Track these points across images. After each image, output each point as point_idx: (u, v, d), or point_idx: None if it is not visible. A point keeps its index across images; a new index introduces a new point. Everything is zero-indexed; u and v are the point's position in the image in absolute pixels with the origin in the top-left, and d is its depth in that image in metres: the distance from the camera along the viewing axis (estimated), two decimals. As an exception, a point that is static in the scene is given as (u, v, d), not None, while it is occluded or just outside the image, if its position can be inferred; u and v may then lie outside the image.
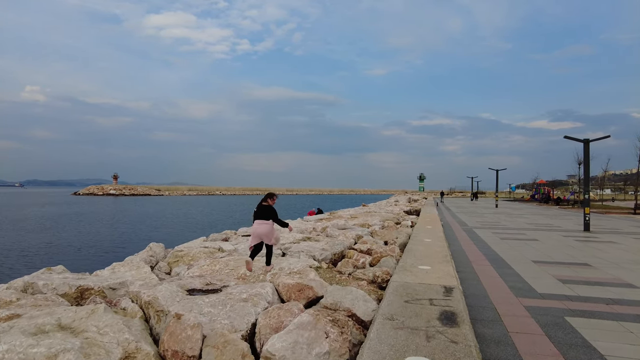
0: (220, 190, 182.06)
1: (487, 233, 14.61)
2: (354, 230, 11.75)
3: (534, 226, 17.82)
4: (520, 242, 12.06)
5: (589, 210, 15.56)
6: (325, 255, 7.64)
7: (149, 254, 8.64)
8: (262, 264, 6.54)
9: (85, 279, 5.78)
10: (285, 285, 5.14)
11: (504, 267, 8.13)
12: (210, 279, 5.54)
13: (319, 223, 13.49)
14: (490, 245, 11.42)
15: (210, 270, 6.54)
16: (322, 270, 6.56)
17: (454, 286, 5.14)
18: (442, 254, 7.77)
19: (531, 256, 9.47)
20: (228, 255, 7.60)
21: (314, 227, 12.76)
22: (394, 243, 10.03)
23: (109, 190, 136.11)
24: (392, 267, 6.80)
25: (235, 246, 8.70)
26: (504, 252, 10.03)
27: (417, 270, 6.11)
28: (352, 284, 5.86)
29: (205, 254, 8.18)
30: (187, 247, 9.19)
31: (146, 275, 7.19)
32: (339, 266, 7.34)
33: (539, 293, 6.00)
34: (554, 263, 8.57)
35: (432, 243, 9.39)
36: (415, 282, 5.33)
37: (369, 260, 7.62)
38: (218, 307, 4.36)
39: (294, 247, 8.34)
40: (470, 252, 10.00)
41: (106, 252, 18.97)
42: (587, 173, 15.82)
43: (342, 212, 20.78)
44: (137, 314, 4.84)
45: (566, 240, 12.69)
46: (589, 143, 15.76)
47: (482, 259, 9.03)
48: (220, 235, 10.89)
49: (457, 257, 9.19)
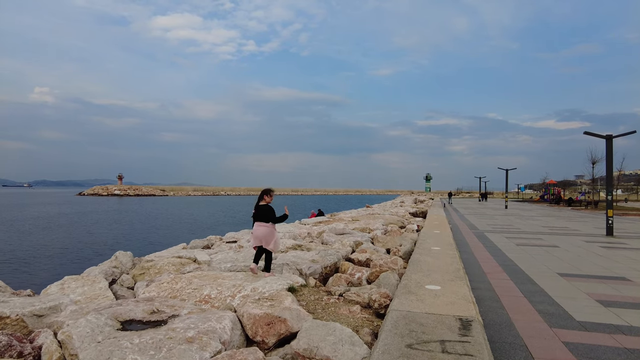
0: (225, 190, 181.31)
1: (500, 238, 13.31)
2: (353, 236, 10.53)
3: (550, 229, 16.48)
4: (538, 249, 10.76)
5: (612, 213, 14.20)
6: (314, 269, 6.43)
7: (113, 265, 7.48)
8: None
9: (6, 303, 4.61)
10: (251, 316, 3.93)
11: (526, 281, 6.87)
12: (159, 303, 4.35)
13: (316, 227, 12.28)
14: (505, 252, 10.14)
15: (170, 289, 5.35)
16: (306, 290, 5.35)
17: (472, 318, 3.90)
18: (453, 267, 6.53)
19: (555, 267, 8.19)
20: (197, 269, 6.41)
21: (309, 231, 11.56)
22: (398, 252, 8.79)
23: (114, 191, 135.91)
24: (394, 285, 5.58)
25: (213, 256, 7.51)
26: (523, 262, 8.75)
27: (424, 291, 4.88)
28: (343, 310, 4.65)
29: (175, 265, 7.00)
30: (159, 256, 8.02)
31: (100, 292, 6.04)
32: (329, 283, 6.12)
33: (579, 322, 4.74)
34: (585, 277, 7.28)
35: (441, 252, 8.15)
36: (422, 311, 4.10)
37: (366, 274, 6.40)
38: (149, 353, 3.16)
39: (280, 257, 7.14)
40: (485, 262, 8.74)
41: (79, 259, 17.30)
42: (610, 172, 14.46)
43: (343, 215, 19.54)
44: (54, 356, 3.68)
45: (590, 246, 11.37)
46: (612, 139, 14.41)
47: (499, 271, 7.77)
48: (202, 242, 9.73)
49: (470, 268, 7.94)
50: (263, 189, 6.31)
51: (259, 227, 5.99)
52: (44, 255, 18.28)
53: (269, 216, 6.01)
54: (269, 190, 6.26)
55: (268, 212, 6.02)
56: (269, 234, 5.99)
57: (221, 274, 5.77)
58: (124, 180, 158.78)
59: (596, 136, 15.05)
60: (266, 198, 6.13)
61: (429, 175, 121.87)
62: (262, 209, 6.05)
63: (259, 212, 6.03)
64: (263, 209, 6.05)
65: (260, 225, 5.99)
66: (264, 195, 6.17)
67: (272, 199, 6.23)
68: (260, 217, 6.00)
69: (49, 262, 16.74)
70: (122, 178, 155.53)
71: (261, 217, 6.00)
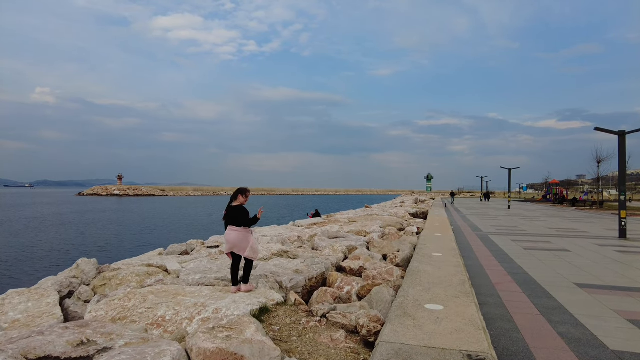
0: (226, 190, 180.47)
1: (505, 241, 12.43)
2: (347, 240, 9.66)
3: (557, 231, 15.59)
4: (549, 254, 9.88)
5: (625, 214, 13.31)
6: (296, 282, 5.56)
7: (72, 275, 6.62)
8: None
9: None
10: (201, 351, 3.06)
11: (541, 295, 5.99)
12: (93, 331, 3.49)
13: (308, 230, 11.41)
14: (513, 258, 9.26)
15: (121, 307, 4.49)
16: (283, 310, 4.48)
17: (484, 355, 3.03)
18: (457, 279, 5.66)
19: (571, 276, 7.32)
20: (159, 282, 5.55)
21: (300, 235, 10.70)
22: (395, 258, 7.92)
23: (113, 191, 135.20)
24: (388, 303, 4.71)
25: (185, 265, 6.65)
26: (534, 270, 7.88)
27: (423, 313, 4.01)
28: (324, 337, 3.78)
29: (139, 276, 6.14)
30: (127, 264, 7.17)
31: (46, 309, 5.19)
32: (313, 298, 5.25)
33: (613, 351, 3.87)
34: (607, 288, 6.40)
35: (443, 259, 7.28)
36: (420, 343, 3.23)
37: (356, 288, 5.53)
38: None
39: (260, 267, 6.28)
40: (491, 270, 7.87)
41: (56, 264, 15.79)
42: (623, 170, 13.56)
43: (340, 216, 18.66)
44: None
45: (605, 251, 10.48)
46: (625, 136, 13.53)
47: (509, 281, 6.90)
48: (181, 247, 8.87)
49: (476, 277, 7.07)
50: (238, 188, 5.57)
51: (231, 231, 5.26)
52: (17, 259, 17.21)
53: (242, 219, 5.24)
54: (243, 190, 5.49)
55: (240, 214, 5.26)
56: (242, 239, 5.22)
57: (184, 289, 4.91)
58: (124, 180, 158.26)
59: (608, 132, 14.15)
60: (240, 198, 5.38)
61: (429, 175, 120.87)
62: (234, 210, 5.29)
63: (230, 214, 5.27)
64: (235, 210, 5.29)
65: (232, 230, 5.27)
66: (238, 195, 5.42)
67: (247, 199, 5.49)
68: (232, 220, 5.28)
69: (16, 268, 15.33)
70: (121, 178, 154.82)
71: (233, 220, 5.28)
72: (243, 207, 5.37)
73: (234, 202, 5.38)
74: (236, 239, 5.19)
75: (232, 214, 5.29)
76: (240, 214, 5.26)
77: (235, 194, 5.48)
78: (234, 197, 5.42)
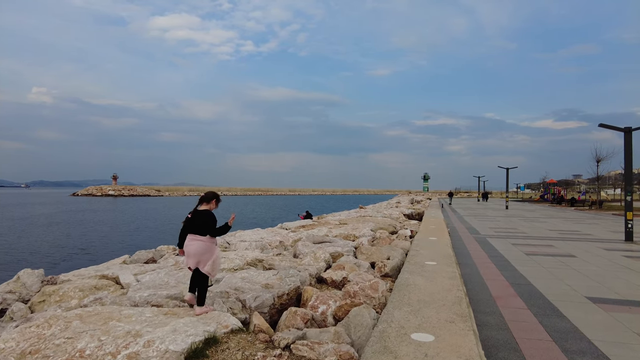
0: (222, 190, 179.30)
1: (505, 244, 11.61)
2: (333, 246, 8.82)
3: (560, 234, 14.80)
4: (553, 260, 9.07)
5: (632, 216, 12.52)
6: (262, 300, 4.71)
7: (9, 289, 5.74)
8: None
9: None
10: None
11: (549, 312, 5.17)
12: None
13: (293, 234, 10.56)
14: (515, 265, 8.44)
15: (37, 335, 3.63)
16: (236, 340, 3.61)
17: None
18: (452, 296, 4.82)
19: (581, 287, 6.50)
20: (96, 301, 4.68)
21: (283, 239, 9.86)
22: (384, 267, 7.09)
23: (108, 191, 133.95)
24: (368, 328, 3.87)
25: (141, 277, 5.79)
26: (539, 279, 7.05)
27: (408, 348, 3.17)
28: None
29: (84, 291, 5.28)
30: (78, 275, 6.29)
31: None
32: (282, 321, 4.40)
33: (650, 397, 3.05)
34: (624, 303, 5.58)
35: (437, 269, 6.44)
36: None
37: (333, 307, 4.67)
38: None
39: (225, 280, 5.42)
40: (492, 280, 7.04)
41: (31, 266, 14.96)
42: (630, 168, 12.78)
43: (331, 217, 17.81)
44: None
45: (612, 256, 9.67)
46: (632, 132, 12.74)
47: (511, 294, 6.07)
48: (147, 254, 7.98)
49: (475, 290, 6.24)
50: (210, 191, 4.75)
51: (193, 241, 4.42)
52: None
53: (207, 226, 4.43)
54: (213, 195, 4.70)
55: (207, 220, 4.45)
56: (206, 251, 4.40)
57: (121, 311, 4.05)
58: (121, 180, 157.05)
59: (613, 129, 13.36)
60: (211, 203, 4.61)
61: (426, 175, 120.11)
62: (200, 215, 4.47)
63: (195, 220, 4.45)
64: (202, 215, 4.48)
65: (194, 239, 4.42)
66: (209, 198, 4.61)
67: (216, 206, 4.70)
68: (196, 227, 4.45)
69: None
70: (116, 178, 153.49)
71: (196, 227, 4.45)
72: (211, 213, 4.58)
73: (202, 205, 4.61)
74: (199, 250, 4.39)
75: (197, 220, 4.47)
76: (207, 220, 4.45)
77: (206, 196, 4.65)
78: (203, 200, 4.63)
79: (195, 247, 4.38)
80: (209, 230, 4.45)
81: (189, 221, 4.49)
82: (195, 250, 4.37)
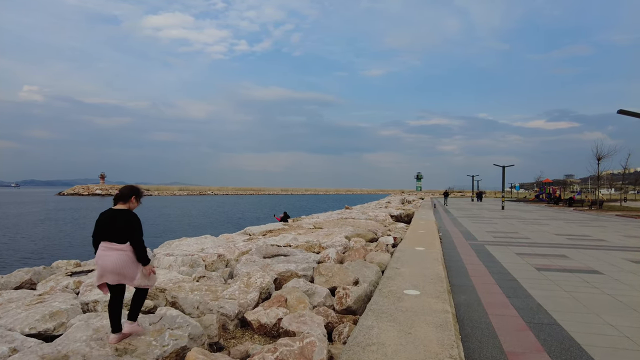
0: (212, 190, 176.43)
1: (509, 255, 9.51)
2: (287, 261, 6.66)
3: (568, 239, 12.75)
4: (574, 279, 6.98)
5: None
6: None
7: None
8: None
9: None
10: None
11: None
12: None
13: (243, 244, 8.35)
14: (527, 288, 6.31)
15: None
16: None
17: None
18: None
19: (627, 327, 4.39)
20: None
21: (225, 252, 7.68)
22: (345, 297, 4.94)
23: (95, 190, 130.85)
24: None
25: None
26: (567, 315, 4.93)
27: None
28: None
29: None
30: None
31: None
32: None
33: None
34: None
35: (419, 307, 4.29)
36: None
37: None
38: None
39: (68, 336, 3.23)
40: (500, 316, 4.90)
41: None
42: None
43: (307, 220, 15.62)
44: None
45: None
46: (657, 120, 10.72)
47: (533, 347, 3.93)
48: (23, 276, 5.75)
49: (476, 336, 4.10)
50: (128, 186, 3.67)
51: (108, 250, 3.39)
52: None
53: (128, 231, 3.41)
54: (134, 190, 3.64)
55: (128, 223, 3.44)
56: (129, 263, 3.39)
57: None
58: (114, 179, 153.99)
59: (632, 115, 11.33)
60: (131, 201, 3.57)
61: (419, 175, 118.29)
62: (118, 217, 3.45)
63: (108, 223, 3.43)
64: (120, 217, 3.45)
65: (109, 249, 3.39)
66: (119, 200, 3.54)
67: (137, 203, 3.64)
68: (112, 233, 3.41)
69: None
70: (104, 177, 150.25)
71: (114, 233, 3.41)
72: (133, 214, 3.52)
73: (118, 204, 3.55)
74: (118, 263, 3.37)
75: (113, 223, 3.42)
76: (128, 223, 3.43)
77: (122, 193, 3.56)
78: (119, 199, 3.56)
79: (114, 259, 3.34)
80: (132, 237, 3.39)
81: (102, 224, 3.44)
82: (113, 263, 3.34)
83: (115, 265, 3.37)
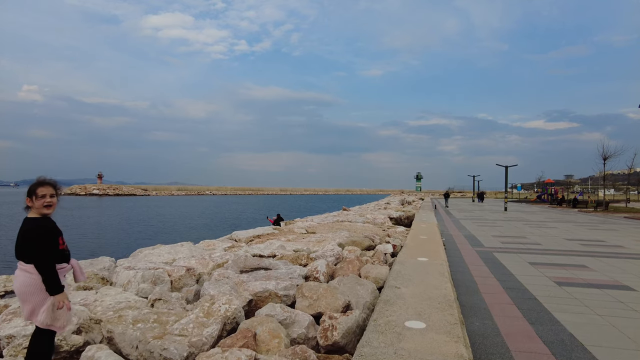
0: (211, 190, 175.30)
1: (521, 264, 8.49)
2: (266, 278, 5.64)
3: (582, 245, 11.72)
4: (603, 297, 5.96)
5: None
6: None
7: None
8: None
9: None
10: None
11: None
12: None
13: (219, 255, 7.32)
14: (551, 310, 5.29)
15: None
16: None
17: None
18: None
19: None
20: None
21: (199, 264, 6.65)
22: (332, 330, 3.92)
23: (92, 190, 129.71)
24: None
25: None
26: (609, 349, 3.90)
27: None
28: None
29: None
30: None
31: None
32: None
33: None
34: None
35: (425, 344, 3.28)
36: None
37: None
38: None
39: None
40: (523, 351, 3.87)
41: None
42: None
43: (300, 223, 14.58)
44: None
45: (686, 288, 6.58)
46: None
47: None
48: None
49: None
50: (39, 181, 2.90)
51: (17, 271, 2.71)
52: None
53: (28, 248, 2.66)
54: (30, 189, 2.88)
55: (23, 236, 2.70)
56: (31, 290, 2.61)
57: None
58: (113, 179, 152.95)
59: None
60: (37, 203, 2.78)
61: (419, 175, 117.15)
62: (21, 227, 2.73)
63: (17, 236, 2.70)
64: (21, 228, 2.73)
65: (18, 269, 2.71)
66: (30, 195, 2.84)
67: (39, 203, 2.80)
68: (17, 248, 2.72)
69: None
70: (101, 177, 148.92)
71: (17, 249, 2.71)
72: (30, 223, 2.74)
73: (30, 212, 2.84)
74: (20, 288, 2.64)
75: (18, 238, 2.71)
76: (24, 237, 2.69)
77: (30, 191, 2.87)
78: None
79: (18, 282, 2.68)
80: (32, 256, 2.63)
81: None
82: (17, 288, 2.69)
83: (18, 291, 2.69)
